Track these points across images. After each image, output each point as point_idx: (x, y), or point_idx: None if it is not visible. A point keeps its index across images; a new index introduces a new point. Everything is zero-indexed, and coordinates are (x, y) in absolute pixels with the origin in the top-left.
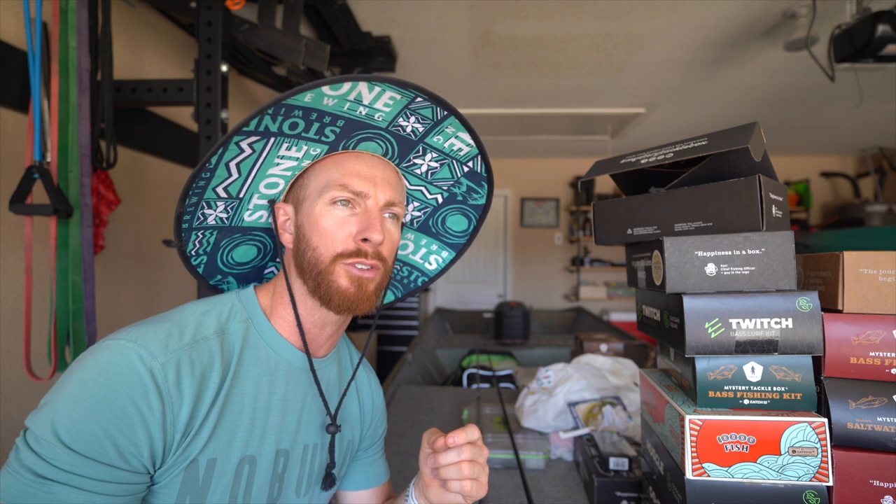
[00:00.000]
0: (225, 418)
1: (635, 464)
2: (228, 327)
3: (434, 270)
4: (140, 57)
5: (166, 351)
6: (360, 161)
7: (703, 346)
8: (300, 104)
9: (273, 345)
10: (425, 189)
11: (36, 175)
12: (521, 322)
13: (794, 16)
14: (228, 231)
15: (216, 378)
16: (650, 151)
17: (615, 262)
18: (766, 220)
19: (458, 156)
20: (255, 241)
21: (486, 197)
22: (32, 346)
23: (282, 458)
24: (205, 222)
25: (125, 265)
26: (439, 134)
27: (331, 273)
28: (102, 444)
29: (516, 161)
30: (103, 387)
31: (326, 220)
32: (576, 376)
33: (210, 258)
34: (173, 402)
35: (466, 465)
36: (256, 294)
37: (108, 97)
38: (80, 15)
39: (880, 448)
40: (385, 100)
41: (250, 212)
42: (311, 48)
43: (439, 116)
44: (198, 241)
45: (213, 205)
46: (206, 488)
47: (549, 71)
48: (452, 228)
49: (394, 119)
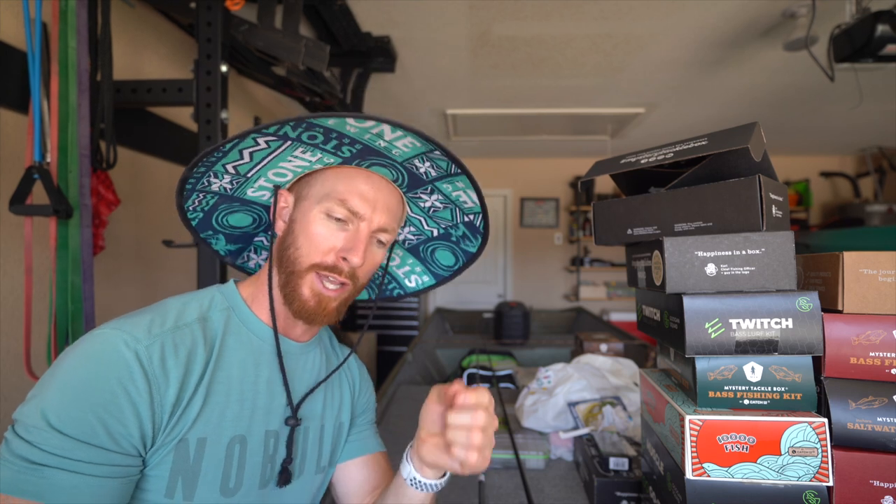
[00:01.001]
0: (212, 399)
1: (635, 464)
2: (210, 315)
3: (412, 288)
4: (140, 57)
5: (149, 335)
6: (369, 181)
7: (703, 346)
8: (323, 125)
9: (255, 330)
10: (424, 220)
11: (36, 175)
12: (521, 322)
13: (794, 16)
14: (229, 199)
15: (200, 360)
16: (650, 151)
17: (615, 262)
18: (766, 220)
19: (462, 206)
20: (252, 212)
21: (477, 248)
22: (32, 347)
23: (272, 439)
24: (209, 187)
25: (125, 266)
26: (448, 183)
27: (301, 278)
28: (93, 426)
29: (516, 161)
30: (90, 371)
31: (317, 227)
32: (576, 376)
33: (205, 216)
34: (159, 383)
35: (478, 432)
36: (238, 287)
37: (108, 97)
38: (79, 15)
39: (880, 448)
40: (405, 142)
41: (254, 189)
42: (310, 48)
43: (453, 171)
44: (197, 201)
45: (219, 176)
46: (197, 467)
47: (548, 71)
48: (440, 261)
49: (410, 158)
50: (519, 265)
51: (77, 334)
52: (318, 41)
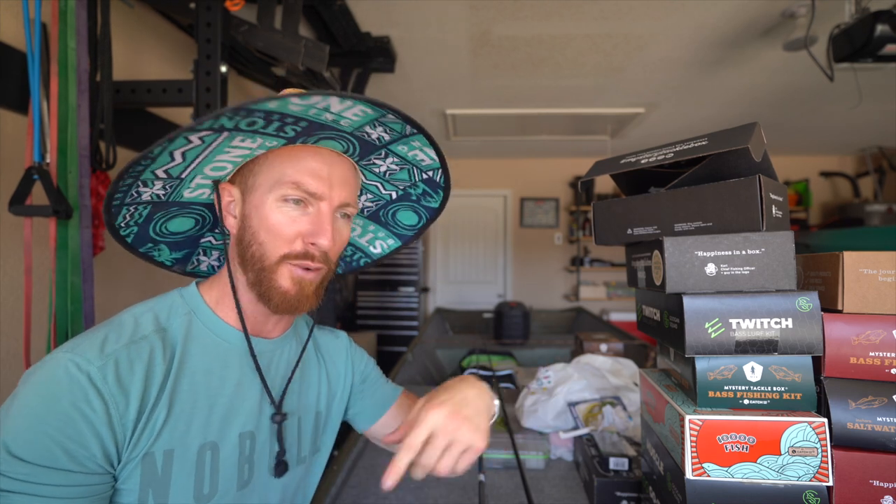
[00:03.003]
0: (176, 409)
1: (635, 464)
2: (169, 323)
3: (378, 254)
4: (139, 58)
5: (102, 355)
6: (318, 157)
7: (702, 346)
8: (263, 109)
9: (219, 333)
10: (381, 185)
11: (35, 176)
12: (520, 322)
13: (793, 15)
14: (164, 205)
15: (159, 372)
16: (650, 151)
17: (615, 262)
18: (766, 220)
19: (419, 165)
20: (193, 214)
21: (440, 202)
22: (32, 347)
23: (247, 440)
24: (138, 199)
25: (124, 266)
26: (404, 144)
27: (274, 272)
28: (51, 450)
29: (516, 161)
30: (44, 397)
31: (276, 216)
32: (576, 376)
33: (141, 229)
34: (117, 401)
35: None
36: (199, 289)
37: (108, 98)
38: (79, 16)
39: (880, 448)
40: (355, 111)
41: (191, 189)
42: (310, 49)
43: (408, 132)
44: (129, 215)
45: (149, 184)
46: (166, 479)
47: (548, 71)
48: (402, 222)
49: (360, 126)
50: (519, 265)
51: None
52: (317, 41)
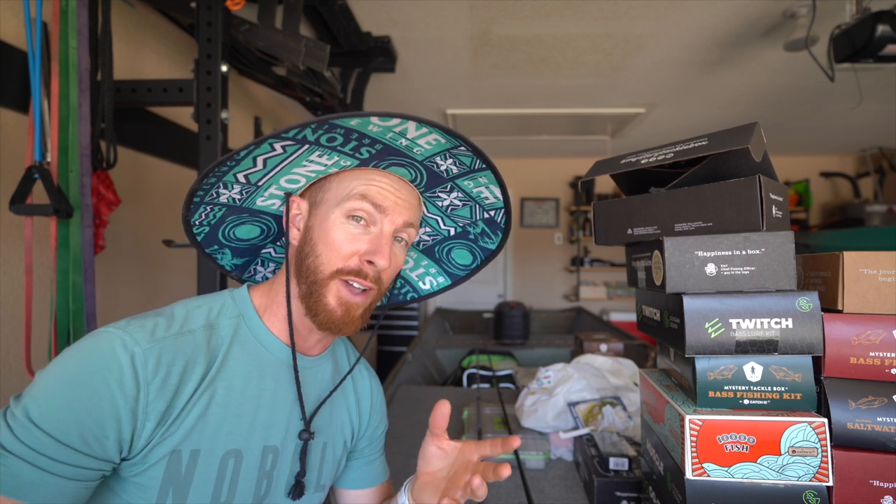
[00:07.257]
0: (210, 410)
1: (635, 464)
2: (218, 322)
3: (426, 290)
4: (140, 57)
5: (151, 339)
6: (387, 178)
7: (703, 346)
8: (345, 125)
9: (263, 341)
10: (441, 220)
11: (36, 175)
12: (520, 322)
13: (794, 16)
14: (237, 210)
15: (199, 370)
16: (650, 151)
17: (615, 262)
18: (766, 220)
19: (483, 203)
20: (261, 222)
21: (497, 244)
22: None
23: (270, 454)
24: (217, 199)
25: (125, 265)
26: (470, 179)
27: (324, 286)
28: (67, 424)
29: (516, 161)
30: (81, 365)
31: (338, 232)
32: (576, 376)
33: (212, 230)
34: (149, 390)
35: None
36: (250, 293)
37: (108, 97)
38: (80, 15)
39: (880, 448)
40: (429, 139)
41: (264, 198)
42: (310, 48)
43: (477, 167)
44: (204, 214)
45: (229, 186)
46: (188, 480)
47: (548, 71)
48: (456, 260)
49: (431, 156)
50: (519, 265)
51: (78, 334)
52: (318, 41)
